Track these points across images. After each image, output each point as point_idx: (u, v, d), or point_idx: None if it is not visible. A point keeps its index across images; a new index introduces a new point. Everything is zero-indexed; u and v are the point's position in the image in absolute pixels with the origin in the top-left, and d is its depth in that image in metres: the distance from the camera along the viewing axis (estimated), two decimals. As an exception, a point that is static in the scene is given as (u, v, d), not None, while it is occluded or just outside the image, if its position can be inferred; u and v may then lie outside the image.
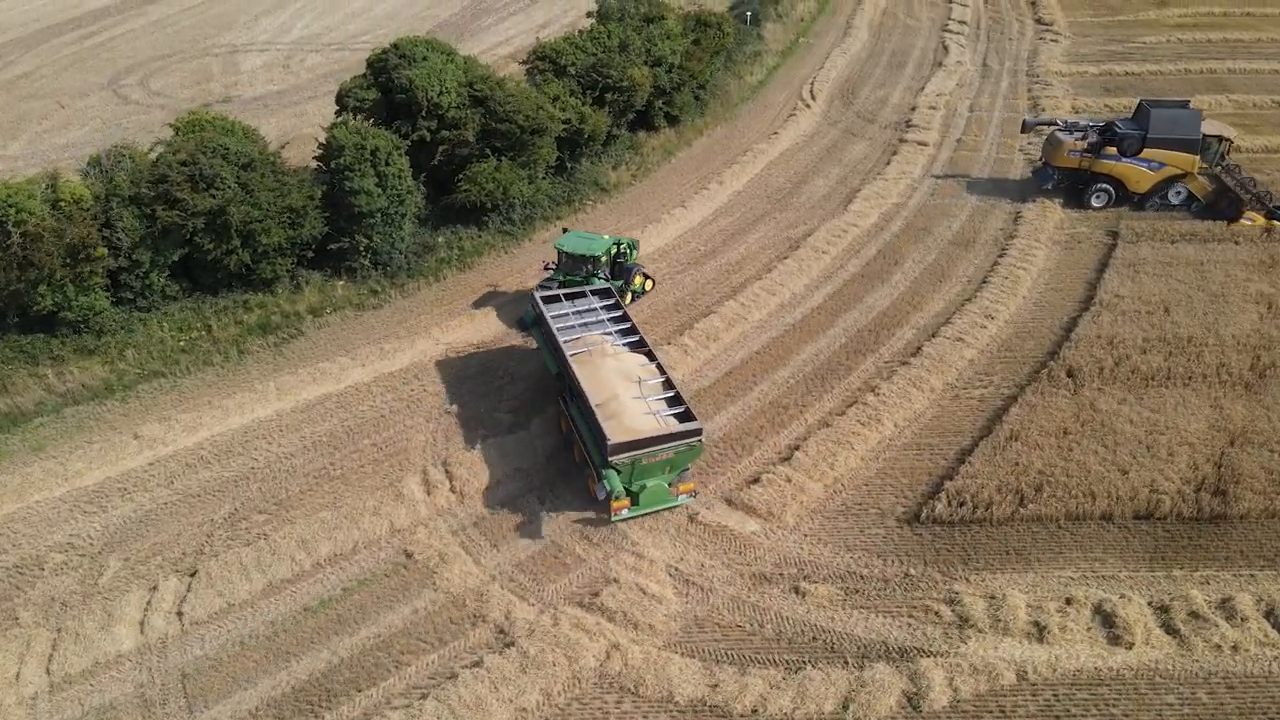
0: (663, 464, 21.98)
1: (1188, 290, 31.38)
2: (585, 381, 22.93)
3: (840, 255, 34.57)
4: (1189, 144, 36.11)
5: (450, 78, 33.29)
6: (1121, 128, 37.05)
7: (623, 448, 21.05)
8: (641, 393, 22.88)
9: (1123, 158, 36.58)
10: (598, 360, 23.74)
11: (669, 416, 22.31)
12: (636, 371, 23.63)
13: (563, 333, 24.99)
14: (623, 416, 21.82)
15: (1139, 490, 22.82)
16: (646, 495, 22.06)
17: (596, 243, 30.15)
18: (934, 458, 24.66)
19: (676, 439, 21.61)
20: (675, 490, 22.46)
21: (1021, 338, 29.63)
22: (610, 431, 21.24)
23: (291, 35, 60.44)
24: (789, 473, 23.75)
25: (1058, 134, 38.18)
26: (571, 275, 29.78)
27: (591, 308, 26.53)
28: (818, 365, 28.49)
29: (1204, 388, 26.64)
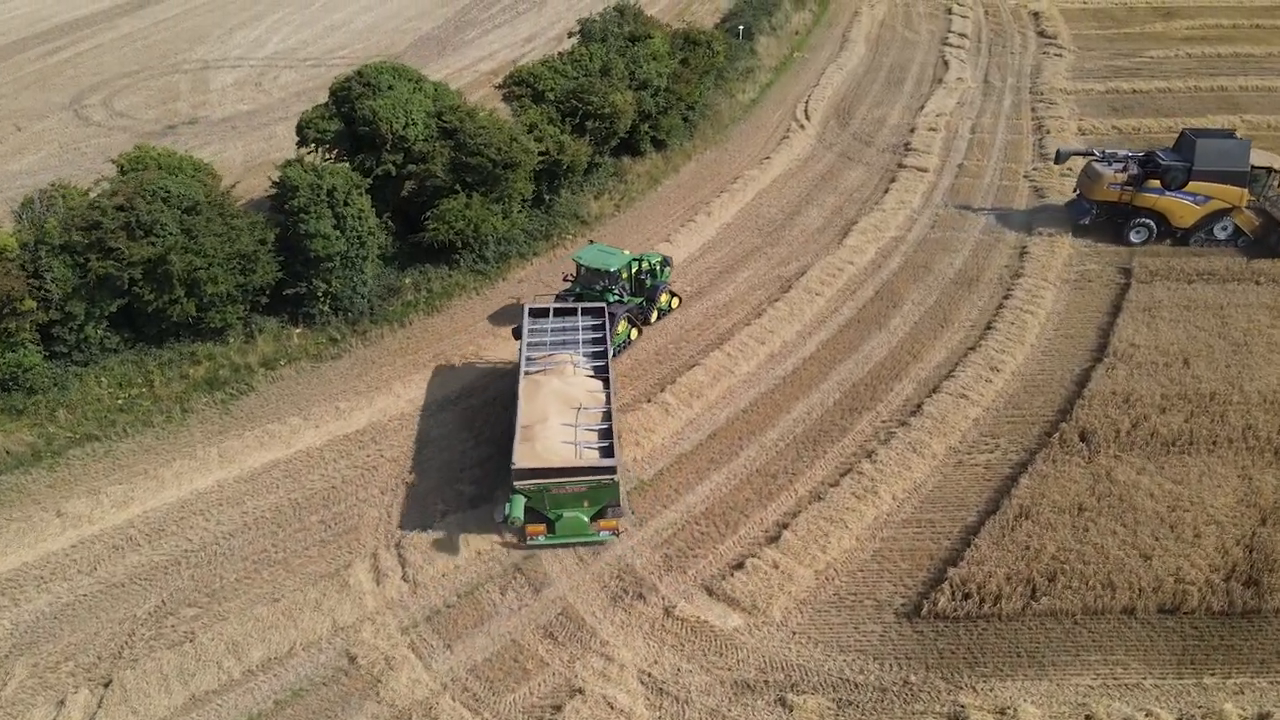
0: (578, 497, 21.26)
1: (1208, 338, 29.19)
2: (522, 401, 22.85)
3: (835, 297, 32.35)
4: (1237, 176, 33.83)
5: (417, 108, 31.09)
6: (1164, 159, 34.72)
7: (527, 474, 20.86)
8: (575, 420, 22.29)
9: (1166, 191, 34.30)
10: (546, 381, 23.50)
11: (589, 449, 21.57)
12: (580, 398, 23.12)
13: (532, 349, 24.86)
14: (539, 442, 21.51)
15: (1163, 580, 20.63)
16: (563, 525, 21.60)
17: (615, 258, 29.21)
18: (936, 536, 22.45)
19: (587, 474, 20.91)
20: (596, 526, 21.69)
21: (1030, 393, 27.43)
22: (518, 456, 21.10)
23: (266, 50, 58.20)
24: (777, 556, 21.54)
25: (1095, 165, 35.81)
26: (588, 289, 29.18)
27: (575, 326, 25.95)
28: (809, 425, 26.28)
29: (1230, 454, 24.45)
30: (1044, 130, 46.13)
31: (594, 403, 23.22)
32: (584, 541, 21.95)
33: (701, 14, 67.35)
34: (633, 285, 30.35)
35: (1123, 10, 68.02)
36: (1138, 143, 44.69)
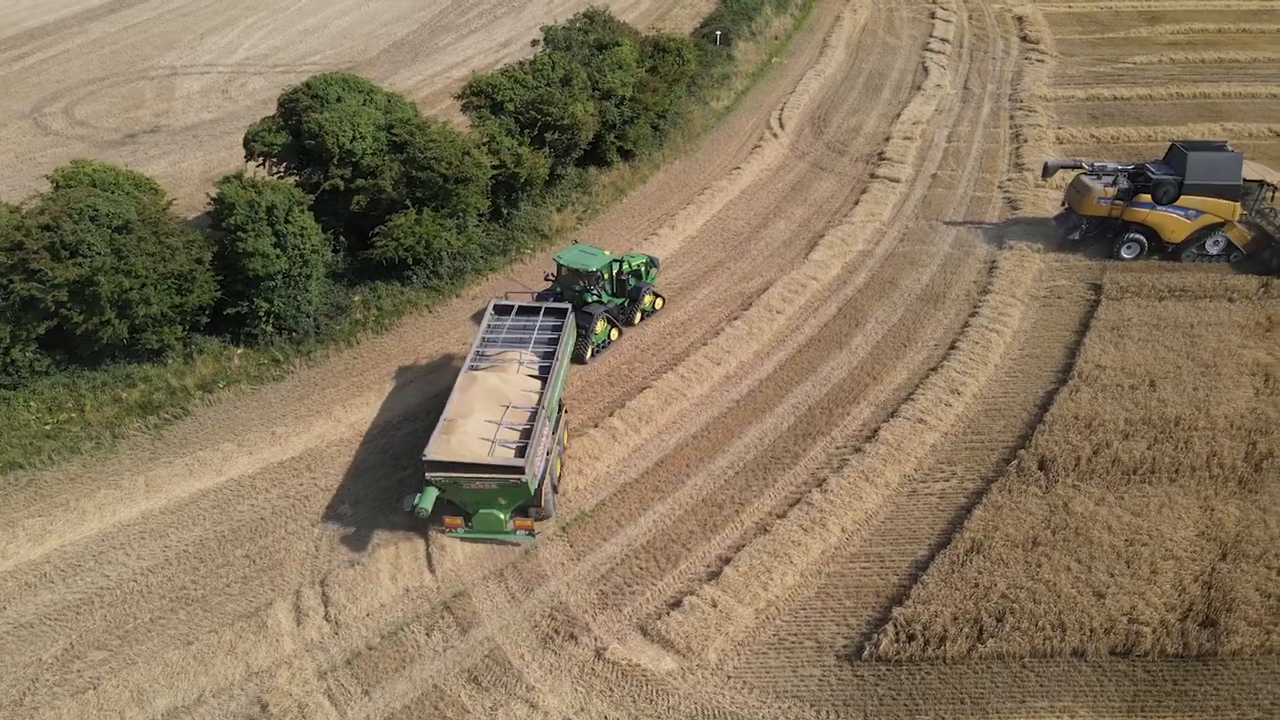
0: (492, 495, 21.37)
1: (1176, 359, 28.34)
2: (455, 394, 23.09)
3: (796, 315, 31.49)
4: (1229, 190, 32.98)
5: (365, 121, 30.22)
6: (1155, 173, 33.78)
7: (437, 466, 20.99)
8: (500, 418, 22.27)
9: (1157, 206, 33.39)
10: (484, 377, 23.55)
11: (503, 447, 21.53)
12: (512, 396, 23.04)
13: (487, 344, 25.16)
14: (456, 436, 21.62)
15: (1116, 620, 19.79)
16: (479, 521, 21.94)
17: (595, 258, 29.29)
18: (884, 572, 21.60)
19: (495, 472, 20.93)
20: (513, 525, 21.96)
21: (991, 417, 26.59)
22: (431, 447, 21.31)
23: (236, 56, 57.30)
24: (716, 594, 20.67)
25: (1084, 179, 34.83)
26: (569, 289, 29.29)
27: (534, 325, 26.06)
28: (761, 452, 25.43)
29: (1192, 483, 23.62)
30: (1021, 139, 45.33)
31: (525, 402, 22.97)
32: (500, 539, 22.03)
33: (682, 19, 66.54)
34: (614, 286, 30.28)
35: (1108, 14, 67.30)
36: (1116, 152, 43.97)
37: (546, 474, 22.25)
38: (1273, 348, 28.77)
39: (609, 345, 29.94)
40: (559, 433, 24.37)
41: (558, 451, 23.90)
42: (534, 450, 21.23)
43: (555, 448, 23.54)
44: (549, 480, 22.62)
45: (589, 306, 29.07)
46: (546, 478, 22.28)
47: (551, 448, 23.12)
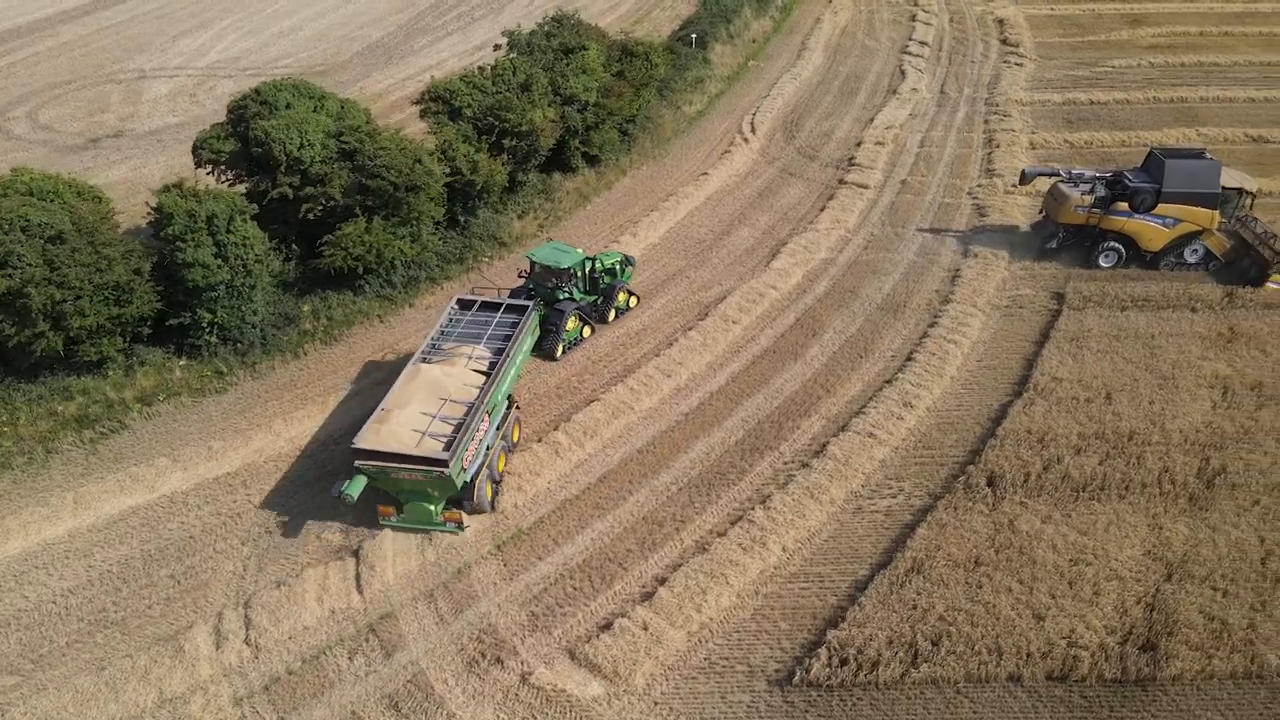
0: (421, 485, 21.55)
1: (1134, 371, 27.88)
2: (397, 384, 23.49)
3: (753, 325, 31.02)
4: (1207, 198, 32.34)
5: (314, 128, 29.73)
6: (1133, 180, 33.20)
7: (365, 454, 21.24)
8: (435, 411, 22.54)
9: (1134, 214, 32.84)
10: (429, 370, 23.89)
11: (433, 439, 21.70)
12: (452, 390, 23.23)
13: (444, 339, 25.69)
14: (388, 425, 21.85)
15: (1055, 643, 19.34)
16: (409, 510, 22.28)
17: (568, 256, 29.47)
18: (823, 593, 21.15)
19: (419, 463, 21.09)
20: (443, 516, 22.33)
21: (944, 430, 26.13)
22: (361, 435, 21.68)
23: (207, 59, 56.77)
24: (648, 616, 20.21)
25: (1061, 187, 34.25)
26: (541, 286, 29.50)
27: (490, 321, 26.54)
28: (706, 467, 24.96)
29: (1143, 500, 23.16)
30: (994, 144, 44.83)
31: (464, 396, 23.13)
32: (430, 529, 22.41)
33: (660, 20, 66.09)
34: (587, 283, 30.55)
35: (1090, 17, 66.73)
36: (1089, 157, 43.53)
37: (484, 468, 22.76)
38: (1233, 359, 28.31)
39: (581, 343, 30.12)
40: (505, 428, 24.58)
41: (502, 447, 24.06)
42: (463, 444, 21.48)
43: (499, 443, 23.85)
44: (488, 474, 23.01)
45: (560, 304, 29.29)
46: (483, 472, 22.72)
47: (493, 443, 23.56)
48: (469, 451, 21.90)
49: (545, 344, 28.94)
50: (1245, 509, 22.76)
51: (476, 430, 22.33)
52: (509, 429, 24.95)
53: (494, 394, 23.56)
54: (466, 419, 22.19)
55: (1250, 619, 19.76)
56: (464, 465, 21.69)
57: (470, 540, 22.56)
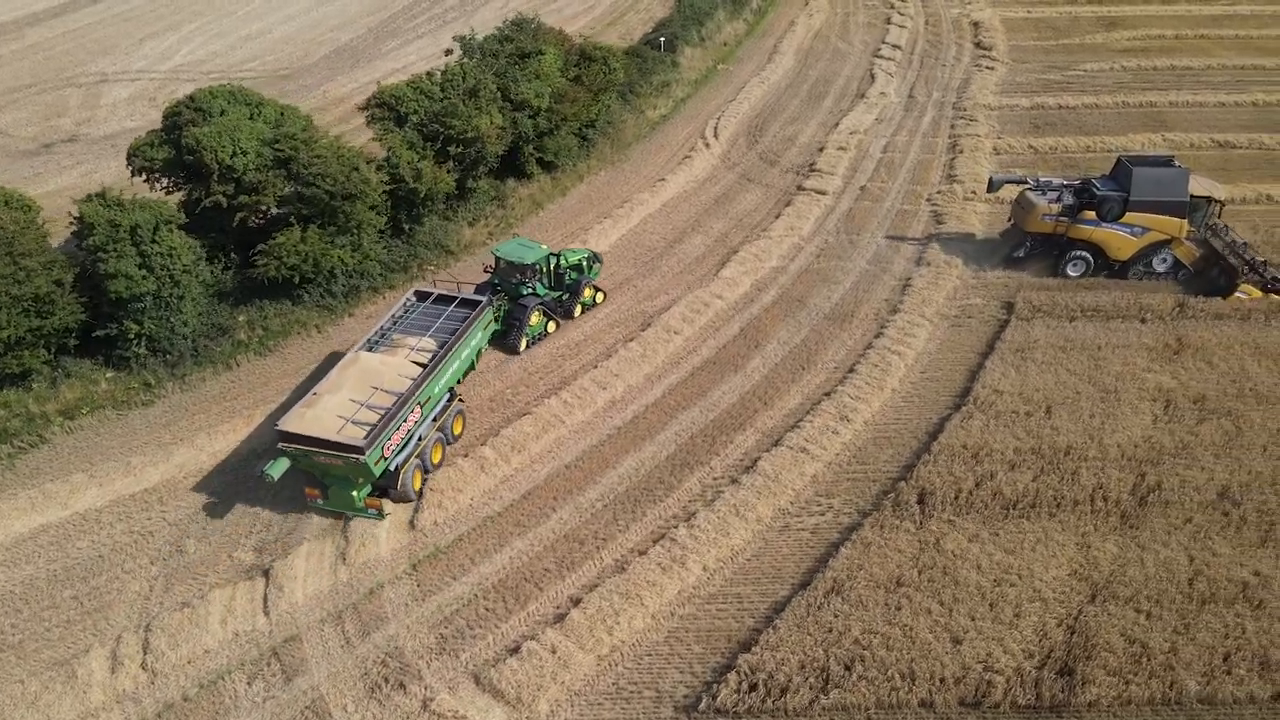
0: (343, 471, 21.91)
1: (1077, 384, 27.44)
2: (334, 370, 24.20)
3: (696, 335, 30.56)
4: (1176, 206, 31.81)
5: (247, 135, 29.24)
6: (1100, 188, 32.69)
7: (288, 437, 21.77)
8: (365, 398, 22.87)
9: (1102, 222, 32.35)
10: (369, 358, 24.45)
11: (355, 426, 22.00)
12: (385, 379, 23.61)
13: (394, 328, 26.35)
14: (314, 410, 22.38)
15: (970, 668, 18.89)
16: (333, 494, 22.79)
17: (532, 252, 30.03)
18: (740, 614, 20.70)
19: (337, 449, 21.50)
20: (365, 502, 22.70)
21: (879, 445, 25.68)
22: (286, 418, 22.31)
23: (171, 62, 56.28)
24: (557, 639, 19.75)
25: (1029, 195, 33.69)
26: (506, 281, 30.06)
27: (441, 313, 27.05)
28: (635, 483, 24.52)
29: (1073, 518, 22.72)
30: (957, 150, 44.36)
31: (397, 386, 23.39)
32: (352, 515, 22.88)
33: (634, 23, 65.54)
34: (552, 279, 31.02)
35: (1066, 20, 66.26)
36: (1053, 163, 43.10)
37: (413, 459, 23.36)
38: (1178, 371, 27.86)
39: (545, 337, 30.64)
40: (445, 420, 25.15)
41: (438, 439, 24.64)
42: (386, 434, 21.98)
43: (434, 435, 24.44)
44: (418, 464, 23.63)
45: (524, 299, 29.85)
46: (411, 462, 23.28)
47: (427, 434, 24.19)
48: (392, 441, 22.37)
49: (509, 338, 29.62)
50: (1177, 527, 22.32)
51: (404, 421, 22.77)
52: (449, 422, 25.38)
53: (429, 386, 23.96)
54: (394, 409, 22.49)
55: (1172, 642, 19.31)
56: (385, 454, 22.15)
57: (386, 559, 22.11)
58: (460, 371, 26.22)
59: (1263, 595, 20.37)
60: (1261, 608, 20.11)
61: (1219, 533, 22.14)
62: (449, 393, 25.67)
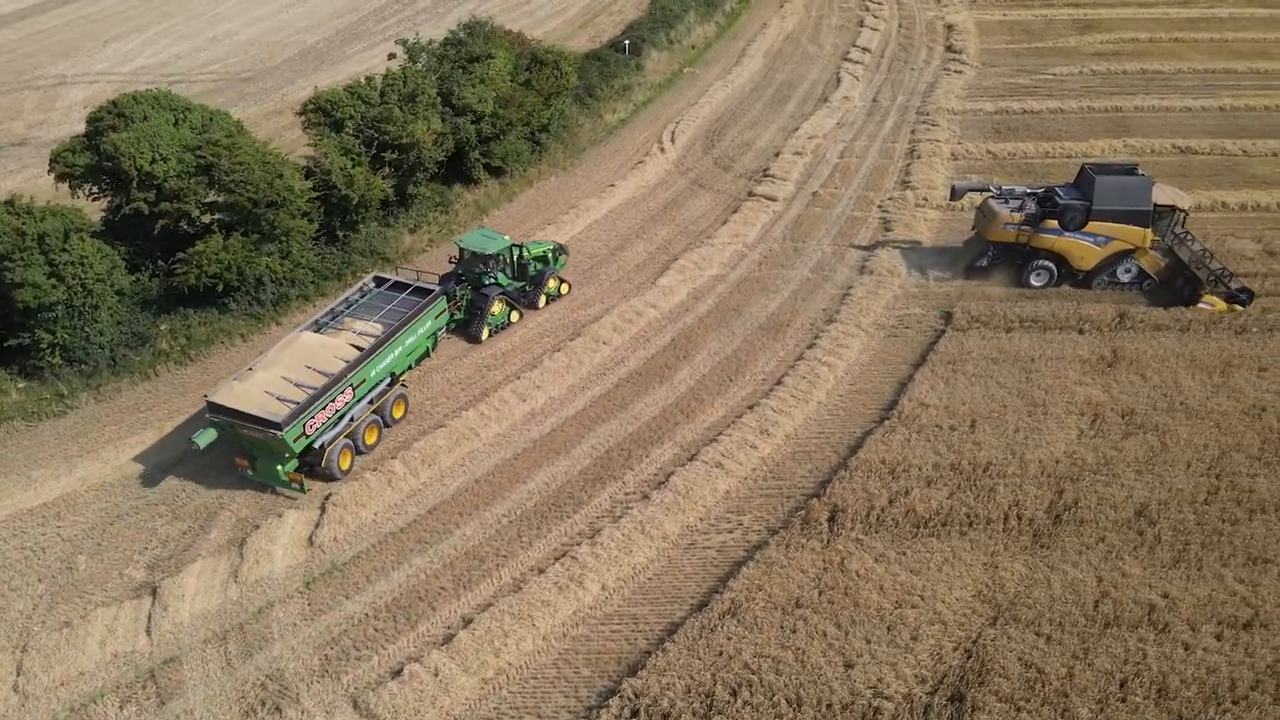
0: (265, 444, 22.83)
1: (1006, 397, 26.93)
2: (275, 347, 25.08)
3: (625, 345, 30.09)
4: (1139, 216, 31.24)
5: (169, 142, 28.85)
6: (1063, 197, 32.05)
7: (216, 409, 22.86)
8: (297, 377, 23.75)
9: (1065, 232, 31.73)
10: (311, 338, 25.32)
11: (280, 402, 22.89)
12: (321, 360, 24.38)
13: (346, 313, 27.35)
14: (245, 385, 23.37)
15: (859, 694, 18.40)
16: (260, 467, 23.73)
17: (494, 242, 30.76)
18: (634, 636, 20.23)
19: (258, 424, 22.34)
20: (289, 476, 23.56)
21: (798, 460, 25.20)
22: (216, 389, 23.53)
23: (133, 65, 55.94)
24: (442, 661, 19.28)
25: (991, 203, 33.04)
26: (469, 272, 30.64)
27: (393, 299, 27.91)
28: (544, 498, 24.06)
29: (984, 537, 22.21)
30: (915, 155, 43.84)
31: (330, 367, 24.17)
32: (277, 487, 23.93)
33: (605, 25, 65.17)
34: (514, 270, 31.61)
35: (1041, 23, 65.71)
36: (1010, 169, 42.61)
37: (341, 438, 24.19)
38: (1110, 384, 27.34)
39: (508, 326, 31.26)
40: (383, 403, 25.87)
41: (373, 421, 25.48)
42: (310, 412, 22.88)
43: (369, 417, 25.22)
44: (348, 444, 24.48)
45: (487, 288, 30.51)
46: (340, 441, 24.13)
47: (361, 415, 24.96)
48: (316, 419, 23.20)
49: (471, 328, 30.34)
50: (1089, 546, 21.81)
51: (332, 401, 23.62)
52: (388, 405, 26.08)
53: (365, 370, 24.70)
54: (321, 389, 23.34)
55: (1069, 667, 18.81)
56: (306, 432, 23.02)
57: (280, 577, 21.67)
58: (407, 358, 26.94)
59: (1168, 619, 19.84)
60: (1166, 631, 19.58)
61: (1131, 553, 21.62)
62: (390, 377, 26.09)
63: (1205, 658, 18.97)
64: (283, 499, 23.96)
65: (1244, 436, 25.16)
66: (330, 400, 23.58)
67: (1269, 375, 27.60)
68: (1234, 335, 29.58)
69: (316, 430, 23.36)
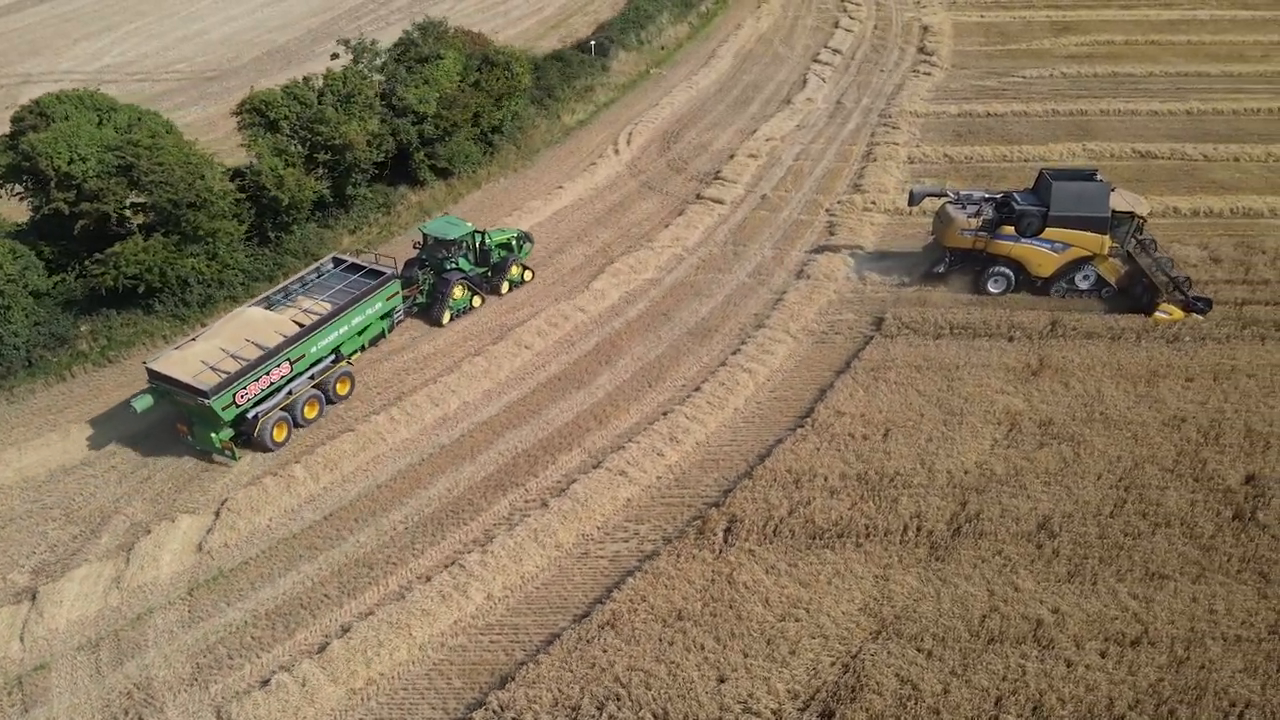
0: (199, 411, 23.90)
1: (924, 405, 26.54)
2: (220, 320, 26.68)
3: (548, 350, 29.80)
4: (1096, 222, 30.65)
5: (87, 142, 28.70)
6: (1020, 203, 31.51)
7: (153, 375, 24.17)
8: (236, 349, 24.82)
9: (1021, 238, 31.20)
10: (259, 313, 26.55)
11: (211, 372, 23.92)
12: (263, 334, 25.45)
13: (300, 290, 28.48)
14: (184, 353, 24.68)
15: (728, 709, 18.09)
16: (197, 433, 24.93)
17: (455, 229, 31.61)
18: (512, 647, 19.95)
19: (187, 390, 23.54)
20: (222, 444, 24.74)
21: (705, 469, 24.87)
22: (155, 358, 24.85)
23: (99, 63, 55.97)
24: (311, 671, 19.04)
25: (949, 208, 32.48)
26: (433, 257, 31.54)
27: (349, 281, 28.84)
28: (443, 505, 23.81)
29: (880, 549, 21.84)
30: (871, 158, 43.40)
31: (268, 341, 25.21)
32: (212, 453, 25.09)
33: (579, 25, 64.89)
34: (477, 256, 32.43)
35: (1019, 25, 65.03)
36: (966, 173, 42.14)
37: (276, 410, 25.18)
38: (1031, 393, 26.92)
39: (470, 311, 32.12)
40: (326, 380, 26.75)
41: (313, 396, 26.31)
42: (241, 383, 23.96)
43: (308, 391, 26.13)
44: (284, 417, 25.48)
45: (448, 273, 31.30)
46: (274, 413, 25.12)
47: (300, 390, 25.90)
48: (248, 390, 24.26)
49: (433, 311, 31.27)
50: (985, 559, 21.42)
51: (267, 373, 24.69)
52: (331, 382, 26.96)
53: (304, 346, 25.74)
54: (257, 361, 24.42)
55: (946, 684, 18.45)
56: (236, 401, 24.07)
57: (164, 582, 21.50)
58: (357, 337, 28.09)
59: (1055, 635, 19.45)
60: (1050, 648, 19.20)
61: (1028, 566, 21.23)
62: (334, 355, 27.03)
63: (1086, 675, 18.57)
64: (179, 503, 23.78)
65: (1160, 448, 24.70)
66: (264, 373, 24.63)
67: (1195, 386, 27.11)
68: (1165, 344, 29.08)
69: (248, 401, 24.37)
